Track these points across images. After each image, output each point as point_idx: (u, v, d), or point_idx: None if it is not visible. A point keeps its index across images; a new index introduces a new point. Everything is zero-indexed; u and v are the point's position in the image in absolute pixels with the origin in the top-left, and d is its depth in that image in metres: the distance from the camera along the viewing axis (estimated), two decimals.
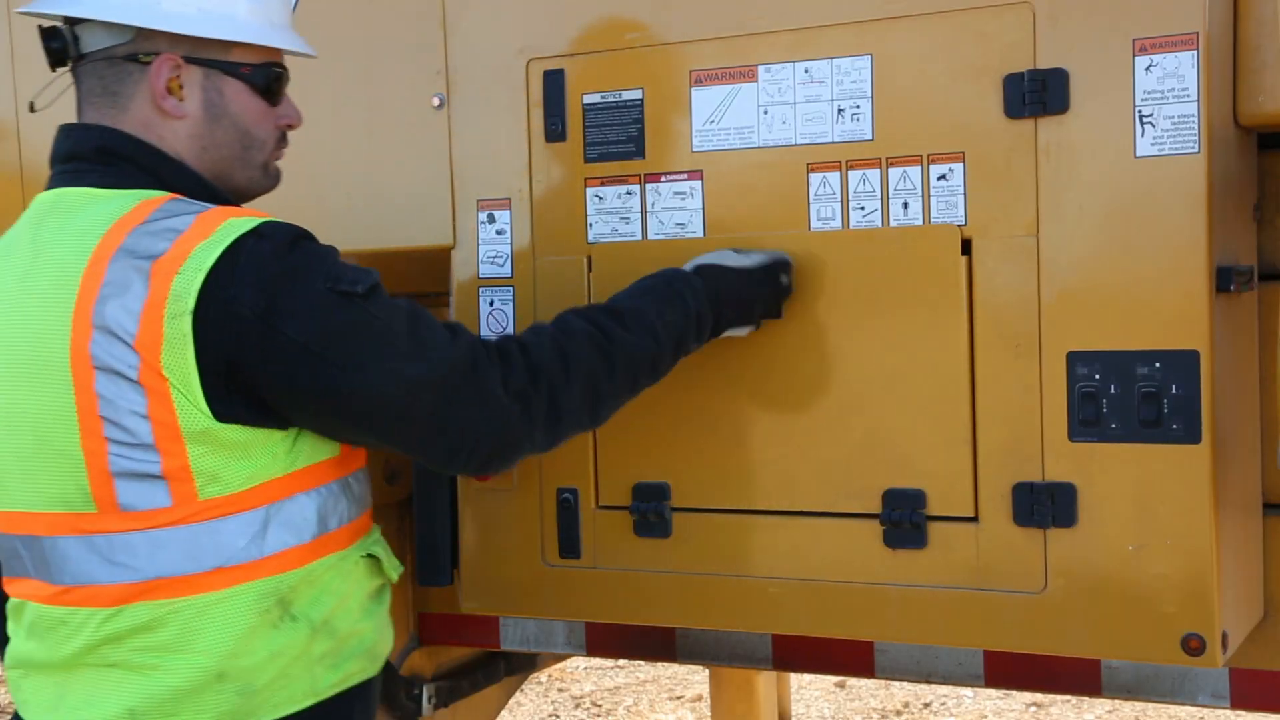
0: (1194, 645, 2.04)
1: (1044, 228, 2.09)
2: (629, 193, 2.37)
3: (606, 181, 2.39)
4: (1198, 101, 2.00)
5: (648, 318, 2.05)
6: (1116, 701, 4.58)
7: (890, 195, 2.19)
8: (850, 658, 2.72)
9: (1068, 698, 5.77)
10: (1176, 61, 2.01)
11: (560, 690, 6.70)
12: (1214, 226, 2.02)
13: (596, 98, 2.38)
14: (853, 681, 6.51)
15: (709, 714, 4.64)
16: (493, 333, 2.48)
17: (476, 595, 2.54)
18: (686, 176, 2.33)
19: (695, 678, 6.65)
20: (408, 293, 2.93)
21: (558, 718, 6.39)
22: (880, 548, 2.22)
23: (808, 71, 2.24)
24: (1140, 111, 2.03)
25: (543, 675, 6.70)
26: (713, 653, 2.85)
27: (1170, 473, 2.04)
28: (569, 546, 2.45)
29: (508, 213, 2.47)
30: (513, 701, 5.65)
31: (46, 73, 2.98)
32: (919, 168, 2.17)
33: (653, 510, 2.36)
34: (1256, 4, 2.08)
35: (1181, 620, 2.05)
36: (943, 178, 2.15)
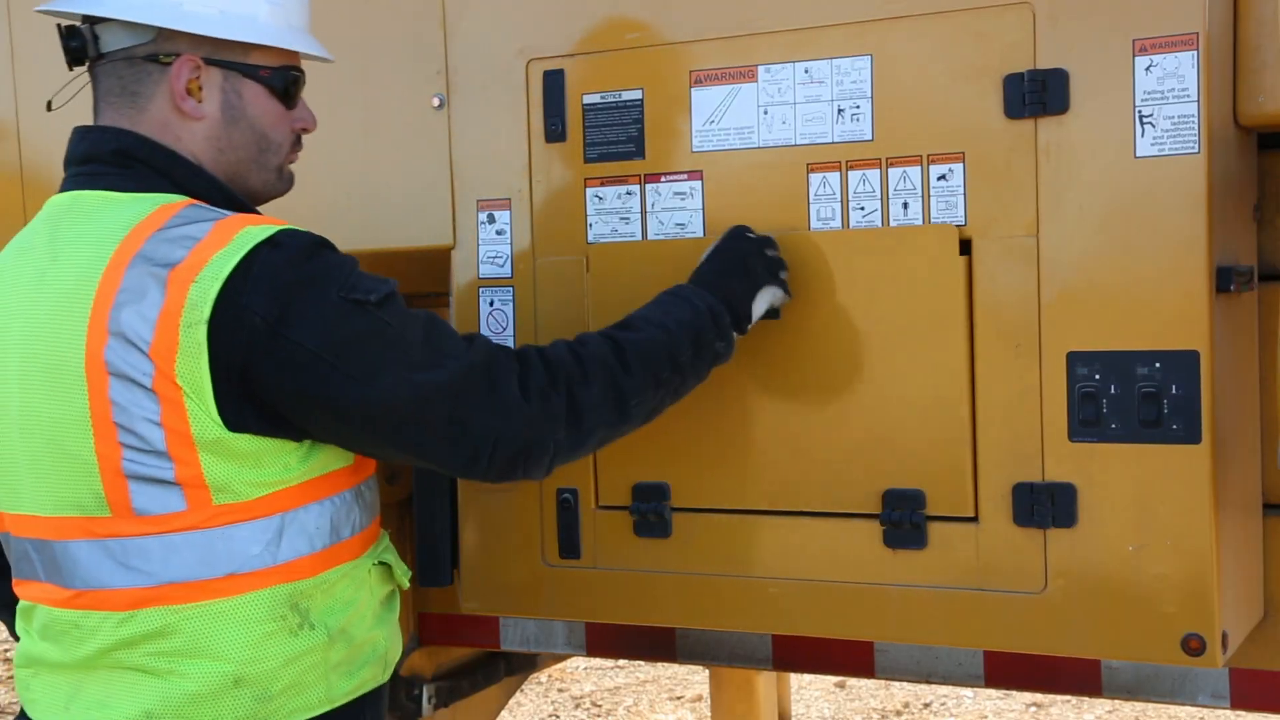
0: (1194, 645, 2.04)
1: (1044, 228, 2.09)
2: (629, 193, 2.37)
3: (606, 181, 2.38)
4: (1198, 102, 2.00)
5: (655, 318, 2.05)
6: (1116, 701, 4.58)
7: (890, 195, 2.19)
8: (850, 658, 2.72)
9: (1068, 698, 5.77)
10: (1176, 62, 2.01)
11: (560, 690, 6.70)
12: (1214, 226, 2.02)
13: (596, 98, 2.38)
14: (853, 681, 6.51)
15: (709, 714, 4.64)
16: (492, 333, 2.48)
17: (476, 595, 2.54)
18: (686, 177, 2.33)
19: (695, 678, 6.65)
20: (408, 293, 2.96)
21: (558, 718, 6.39)
22: (880, 548, 2.22)
23: (808, 72, 2.24)
24: (1140, 112, 2.03)
25: (543, 675, 6.70)
26: (713, 653, 2.85)
27: (1170, 473, 2.04)
28: (569, 546, 2.45)
29: (508, 213, 2.47)
30: (513, 701, 5.65)
31: (47, 72, 2.98)
32: (919, 168, 2.17)
33: (653, 510, 2.36)
34: (1256, 4, 2.08)
35: (1181, 620, 2.05)
36: (943, 178, 2.15)
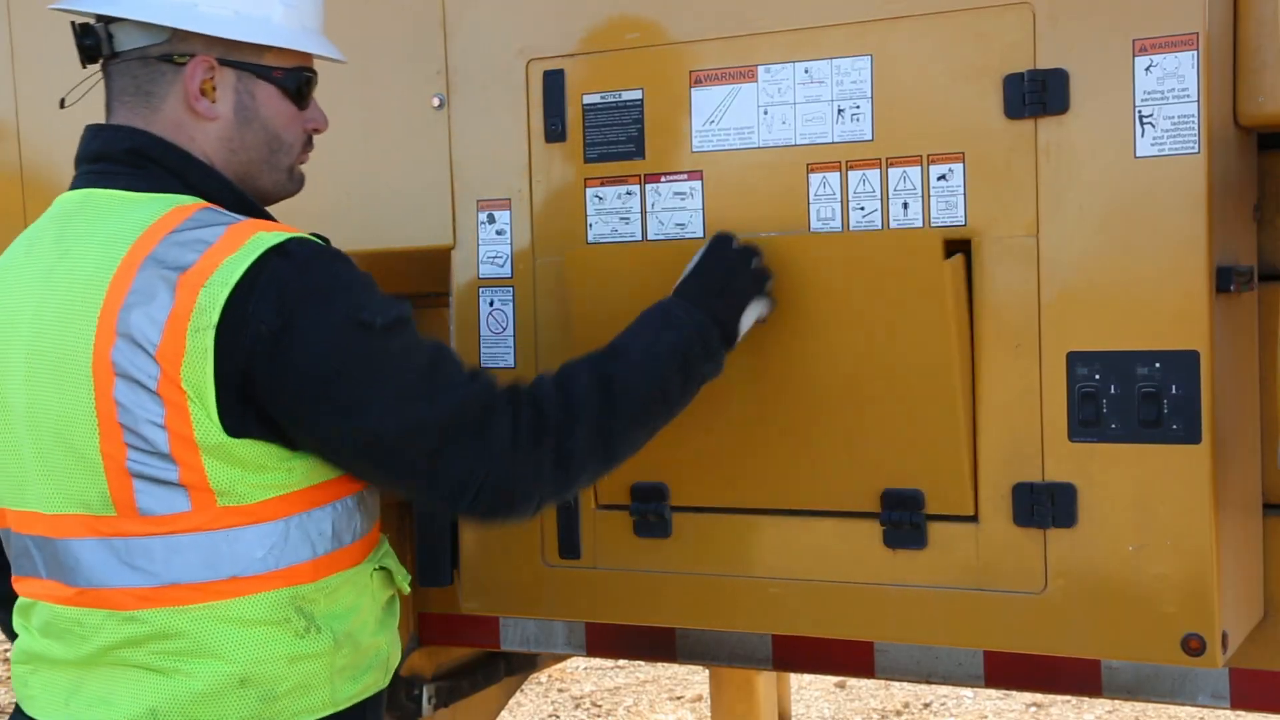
0: (1194, 645, 2.04)
1: (1044, 228, 2.09)
2: (629, 193, 2.37)
3: (606, 182, 2.38)
4: (1198, 102, 2.00)
5: (643, 345, 2.02)
6: (1116, 701, 4.58)
7: (890, 195, 2.19)
8: (850, 658, 2.72)
9: (1068, 698, 5.77)
10: (1176, 62, 2.01)
11: (560, 690, 6.70)
12: (1214, 226, 2.02)
13: (596, 98, 2.38)
14: (853, 681, 6.51)
15: (709, 714, 4.64)
16: (492, 332, 2.48)
17: (476, 595, 2.54)
18: (686, 177, 2.33)
19: (695, 678, 6.65)
20: (408, 293, 2.95)
21: (558, 718, 6.39)
22: (880, 548, 2.22)
23: (808, 72, 2.24)
24: (1140, 112, 2.03)
25: (543, 675, 6.70)
26: (713, 653, 2.85)
27: (1170, 473, 2.04)
28: (569, 546, 2.45)
29: (508, 213, 2.47)
30: (513, 701, 5.65)
31: (47, 73, 2.99)
32: (919, 168, 2.17)
33: (653, 510, 2.36)
34: (1256, 4, 2.08)
35: (1181, 620, 2.05)
36: (943, 178, 2.15)
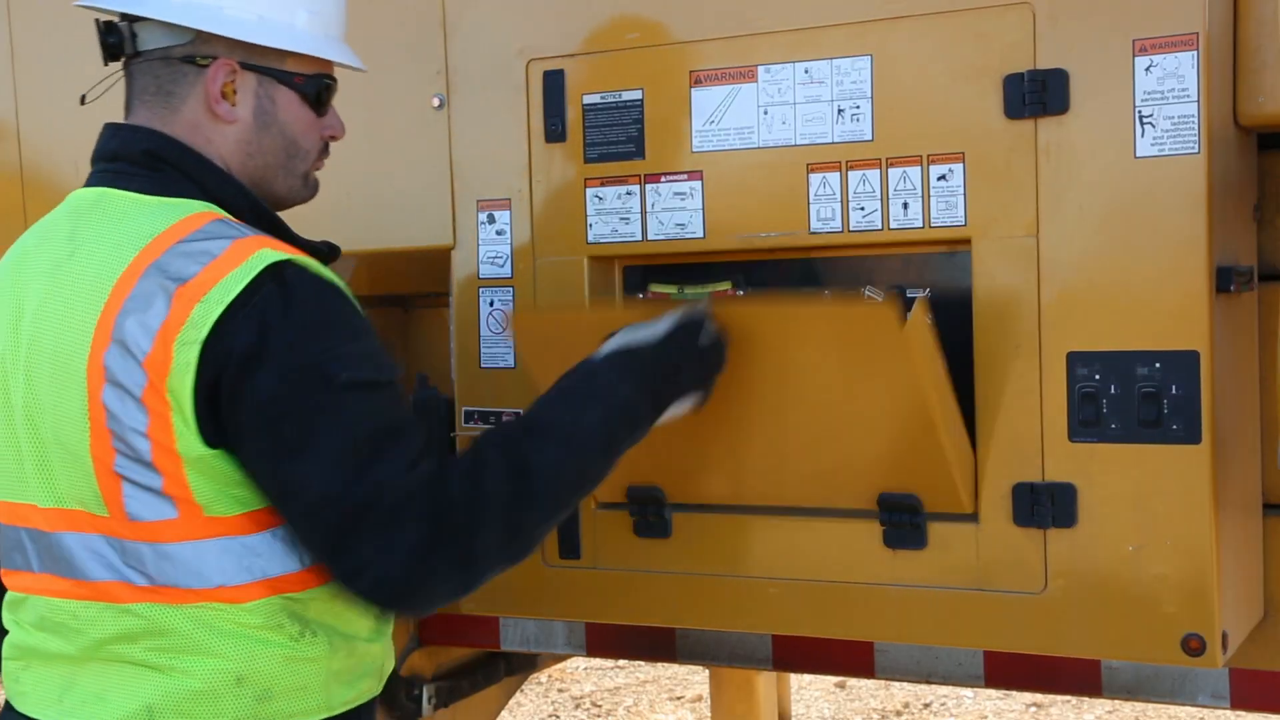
0: (1194, 645, 2.04)
1: (1044, 228, 2.09)
2: (629, 193, 2.37)
3: (606, 182, 2.38)
4: (1198, 102, 2.00)
5: (566, 423, 1.91)
6: (1116, 702, 4.58)
7: (890, 196, 2.19)
8: (850, 658, 2.72)
9: (1068, 698, 5.77)
10: (1176, 62, 2.01)
11: (560, 690, 6.70)
12: (1214, 227, 2.02)
13: (596, 98, 2.38)
14: (853, 681, 6.51)
15: (709, 714, 4.64)
16: (492, 332, 2.48)
17: (476, 595, 2.53)
18: (686, 177, 2.33)
19: (695, 678, 6.65)
20: (408, 293, 2.95)
21: (558, 718, 6.39)
22: (880, 548, 2.22)
23: (808, 72, 2.24)
24: (1140, 112, 2.03)
25: (543, 675, 6.70)
26: (713, 653, 2.85)
27: (1170, 473, 2.04)
28: (569, 547, 2.45)
29: (508, 213, 2.47)
30: (513, 701, 5.65)
31: (48, 72, 2.99)
32: (919, 168, 2.17)
33: (652, 510, 2.36)
34: (1256, 4, 2.08)
35: (1181, 620, 2.05)
36: (943, 178, 2.15)
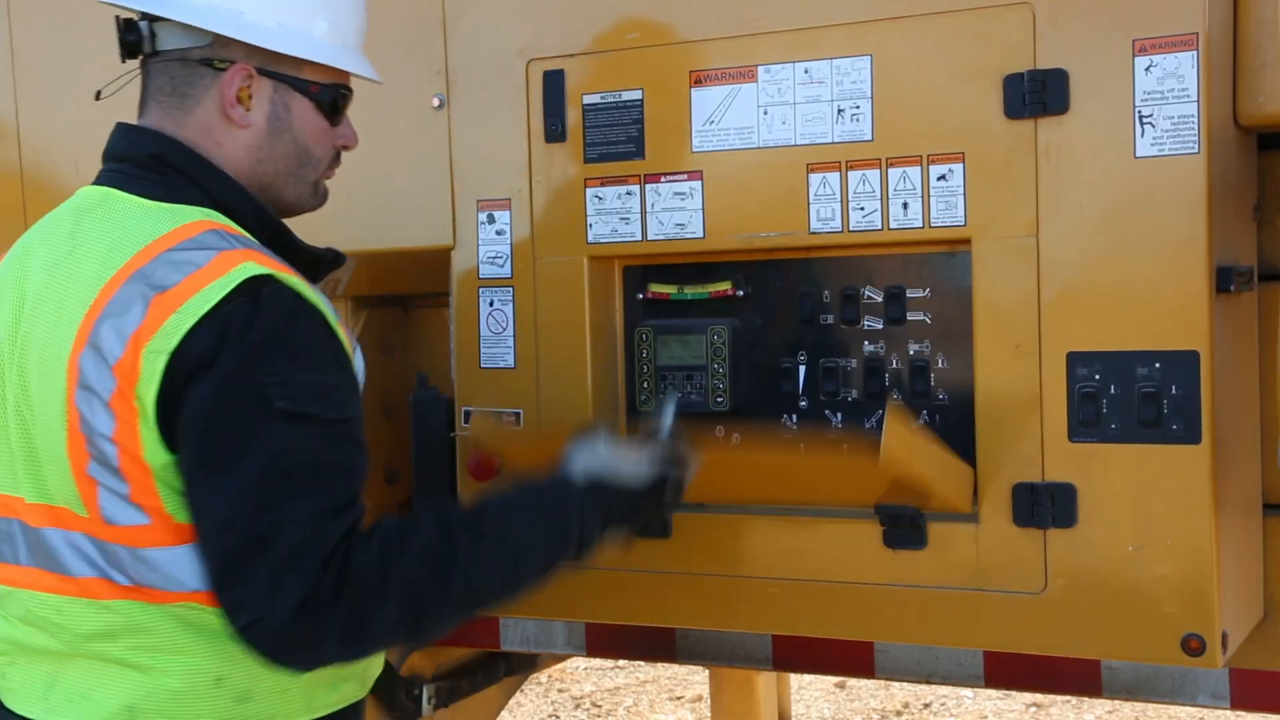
0: (1194, 645, 2.04)
1: (1044, 228, 2.09)
2: (629, 193, 2.37)
3: (606, 182, 2.38)
4: (1198, 102, 2.00)
5: (512, 540, 1.87)
6: (1116, 701, 4.58)
7: (890, 196, 2.19)
8: (850, 658, 2.72)
9: (1068, 698, 5.77)
10: (1176, 62, 2.01)
11: (560, 690, 6.70)
12: (1214, 227, 2.02)
13: (596, 98, 2.38)
14: (853, 681, 6.51)
15: (709, 714, 4.64)
16: (492, 332, 2.48)
17: None
18: (686, 177, 2.32)
19: (695, 678, 6.65)
20: (408, 293, 2.95)
21: (558, 718, 6.39)
22: (880, 548, 2.22)
23: (808, 72, 2.23)
24: (1140, 112, 2.03)
25: (543, 675, 6.70)
26: (713, 653, 2.85)
27: (1170, 473, 2.04)
28: None
29: (508, 213, 2.47)
30: (513, 701, 5.65)
31: (48, 73, 2.99)
32: (919, 168, 2.17)
33: None
34: (1256, 4, 2.08)
35: (1181, 620, 2.05)
36: (942, 178, 2.15)
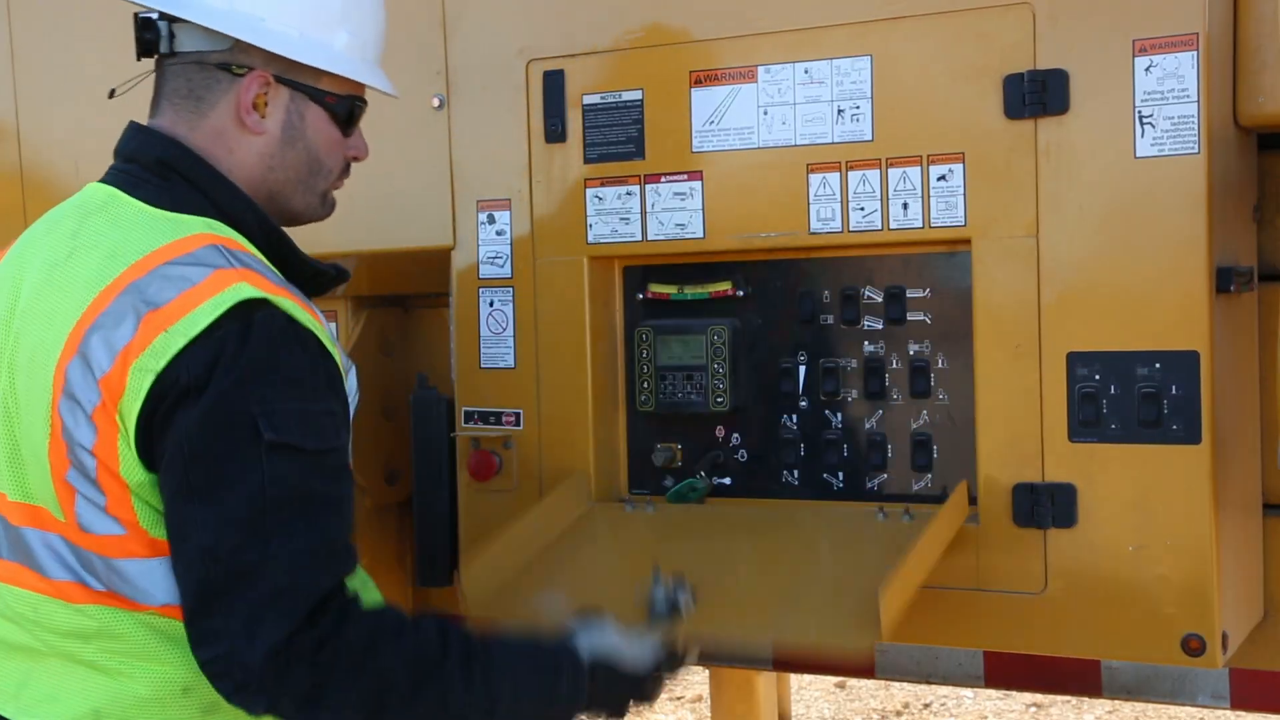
0: (1194, 646, 2.04)
1: (1044, 228, 2.09)
2: (629, 193, 2.37)
3: (606, 182, 2.38)
4: (1198, 102, 2.00)
5: (499, 686, 1.83)
6: (1116, 701, 4.58)
7: (890, 196, 2.19)
8: (850, 658, 2.71)
9: (1068, 698, 5.77)
10: (1176, 62, 2.01)
11: None
12: (1214, 227, 2.02)
13: (596, 98, 2.38)
14: (853, 681, 6.51)
15: (709, 714, 4.64)
16: (492, 332, 2.48)
17: (476, 596, 2.53)
18: (686, 177, 2.33)
19: (695, 678, 6.64)
20: (409, 293, 2.95)
21: None
22: None
23: (808, 72, 2.23)
24: (1140, 112, 2.03)
25: None
26: (713, 653, 2.84)
27: (1170, 473, 2.04)
28: None
29: (508, 213, 2.47)
30: None
31: (47, 73, 2.99)
32: (919, 168, 2.17)
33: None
34: (1256, 4, 2.08)
35: (1181, 620, 2.05)
36: (942, 178, 2.15)
